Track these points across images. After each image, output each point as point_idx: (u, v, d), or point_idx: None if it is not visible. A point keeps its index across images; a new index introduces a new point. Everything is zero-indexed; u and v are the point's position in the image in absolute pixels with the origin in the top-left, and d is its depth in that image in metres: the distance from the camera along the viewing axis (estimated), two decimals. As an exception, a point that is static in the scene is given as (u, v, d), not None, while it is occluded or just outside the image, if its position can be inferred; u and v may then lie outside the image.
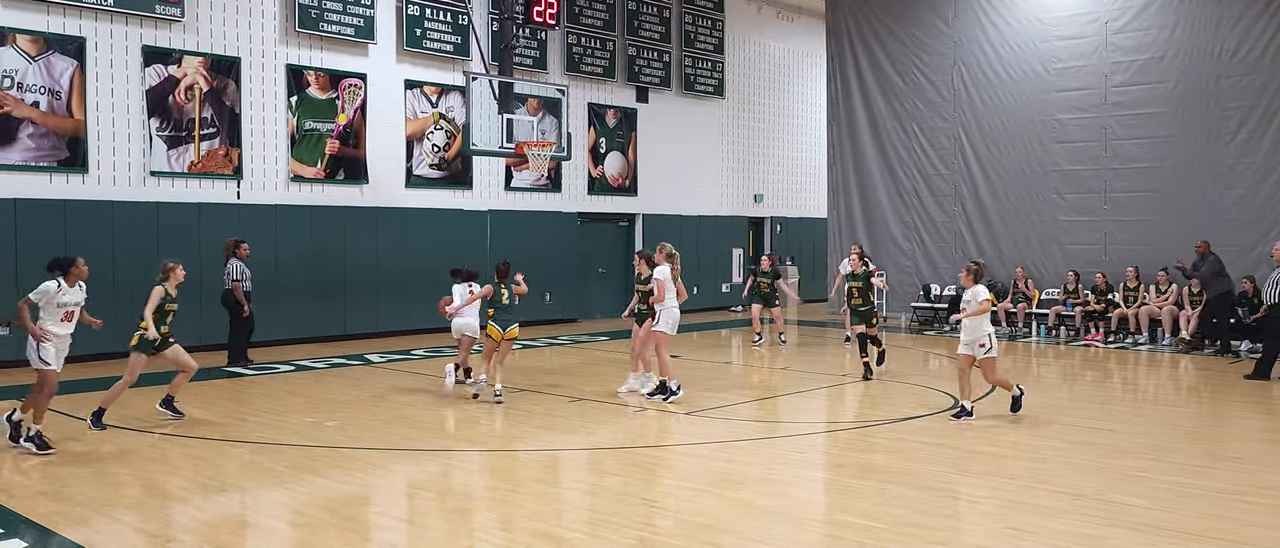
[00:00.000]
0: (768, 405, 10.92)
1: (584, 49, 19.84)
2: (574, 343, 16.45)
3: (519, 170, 18.64)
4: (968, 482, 7.35)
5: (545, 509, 6.80)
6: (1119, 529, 6.18)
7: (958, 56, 19.35)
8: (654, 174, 21.32)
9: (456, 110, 17.62)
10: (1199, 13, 16.58)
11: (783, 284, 17.39)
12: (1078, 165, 17.89)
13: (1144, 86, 17.12)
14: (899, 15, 20.14)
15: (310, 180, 16.06)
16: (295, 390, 11.58)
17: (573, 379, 12.41)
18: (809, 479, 7.93)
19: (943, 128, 19.56)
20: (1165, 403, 11.53)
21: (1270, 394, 11.81)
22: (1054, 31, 18.10)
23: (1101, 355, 15.12)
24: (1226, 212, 16.32)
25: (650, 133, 21.24)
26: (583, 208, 20.12)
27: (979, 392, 11.22)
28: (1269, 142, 15.95)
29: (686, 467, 7.98)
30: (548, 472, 7.96)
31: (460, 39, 17.70)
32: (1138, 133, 17.22)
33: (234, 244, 13.39)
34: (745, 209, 23.64)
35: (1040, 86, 18.27)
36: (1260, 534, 6.13)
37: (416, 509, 6.96)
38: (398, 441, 8.85)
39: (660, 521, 6.43)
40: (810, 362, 14.46)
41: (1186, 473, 7.70)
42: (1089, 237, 17.78)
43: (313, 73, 15.99)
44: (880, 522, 6.34)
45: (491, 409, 10.26)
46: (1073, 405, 11.10)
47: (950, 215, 19.55)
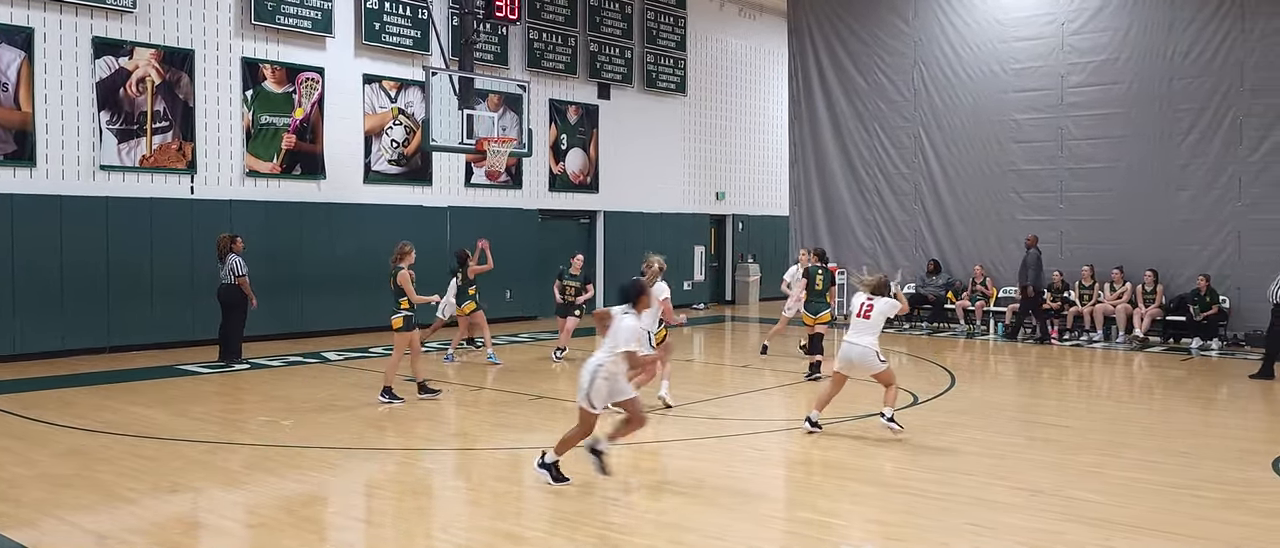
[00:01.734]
0: (728, 404, 10.92)
1: (545, 45, 19.74)
2: (534, 341, 16.36)
3: (479, 167, 18.50)
4: (928, 478, 7.39)
5: (505, 508, 6.73)
6: (1076, 525, 6.25)
7: (918, 56, 19.50)
8: (616, 171, 21.27)
9: (416, 106, 17.45)
10: (1152, 15, 16.84)
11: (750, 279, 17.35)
12: (1035, 165, 18.11)
13: (1099, 88, 17.36)
14: (860, 14, 20.26)
15: (266, 176, 15.82)
16: (250, 389, 11.40)
17: (532, 377, 12.33)
18: (769, 477, 7.94)
19: (903, 127, 19.71)
20: (1119, 400, 11.70)
21: (1217, 391, 12.03)
22: (1012, 32, 18.30)
23: (1057, 353, 15.31)
24: (1179, 211, 16.59)
25: (612, 130, 21.19)
26: (544, 205, 20.02)
27: (941, 387, 11.31)
28: (1219, 143, 16.24)
29: (647, 465, 7.94)
30: (508, 470, 7.89)
31: (420, 33, 17.53)
32: (1093, 133, 17.46)
33: (229, 240, 13.33)
34: (707, 207, 23.67)
35: (998, 87, 18.46)
36: (1210, 527, 6.22)
37: (374, 509, 6.86)
38: (355, 440, 8.73)
39: (621, 518, 6.39)
40: (770, 360, 14.48)
41: (1140, 468, 7.81)
42: (1045, 235, 17.95)
43: (269, 66, 15.75)
44: (841, 519, 6.35)
45: (450, 407, 10.15)
46: (1030, 403, 11.22)
47: (911, 213, 19.70)
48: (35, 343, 13.52)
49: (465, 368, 13.18)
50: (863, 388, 11.71)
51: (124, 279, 14.25)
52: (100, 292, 14.04)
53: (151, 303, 14.56)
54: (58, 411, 9.77)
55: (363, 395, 10.83)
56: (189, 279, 14.81)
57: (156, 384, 11.60)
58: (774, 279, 24.49)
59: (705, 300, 23.39)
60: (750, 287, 24.21)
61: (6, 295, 13.25)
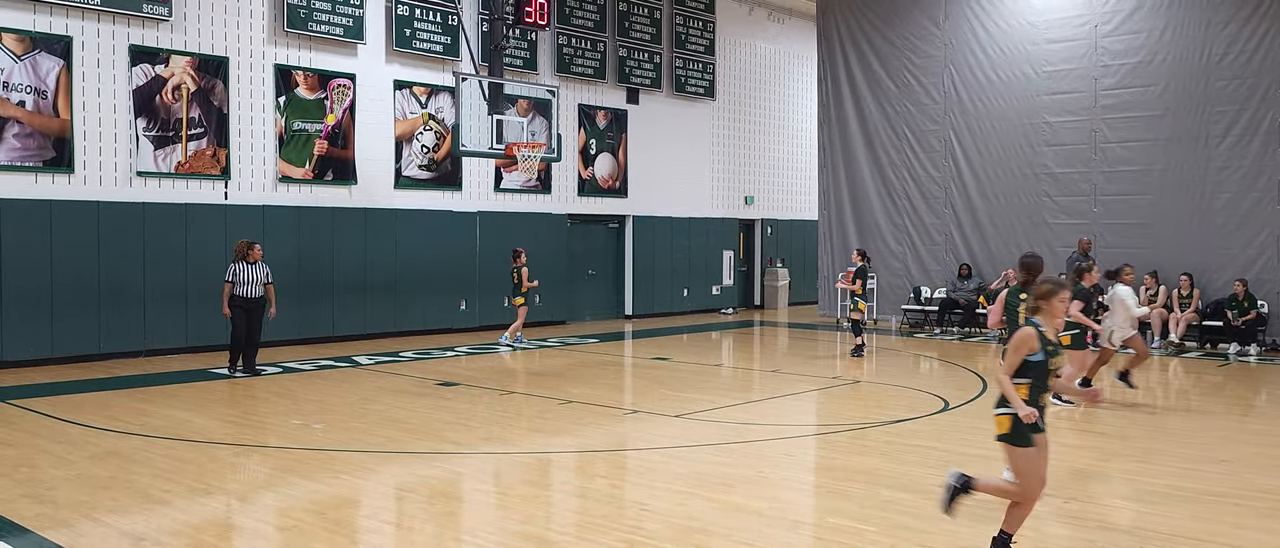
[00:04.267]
0: (758, 408, 10.89)
1: (574, 50, 19.80)
2: (563, 345, 16.39)
3: (508, 172, 18.58)
4: (958, 485, 7.31)
5: (534, 512, 6.75)
6: (1112, 533, 6.17)
7: (948, 59, 19.37)
8: (644, 176, 21.29)
9: (446, 111, 17.56)
10: (1188, 16, 16.63)
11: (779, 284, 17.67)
12: (1068, 168, 17.92)
13: (1133, 90, 17.17)
14: (890, 17, 20.16)
15: (299, 181, 15.97)
16: (282, 393, 11.51)
17: (562, 382, 12.36)
18: (799, 482, 7.90)
19: (933, 130, 19.58)
20: (1156, 406, 11.54)
21: (1256, 397, 11.84)
22: (1044, 35, 18.14)
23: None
24: (1216, 215, 16.36)
25: (641, 134, 21.21)
26: (572, 209, 20.07)
27: (971, 393, 11.23)
28: (1258, 145, 16.00)
29: (676, 469, 7.94)
30: (537, 474, 7.91)
31: (450, 39, 17.64)
32: (1127, 136, 17.26)
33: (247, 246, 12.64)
34: (736, 211, 23.62)
35: (1030, 89, 18.30)
36: (1250, 537, 6.12)
37: (404, 512, 6.90)
38: (385, 443, 8.79)
39: (649, 523, 6.38)
40: (800, 364, 14.43)
41: (1178, 476, 7.70)
42: (1079, 239, 17.78)
43: (301, 73, 15.91)
44: (871, 524, 6.31)
45: (480, 411, 10.20)
46: (1064, 409, 11.09)
47: (941, 217, 19.57)
48: (73, 346, 13.73)
49: (497, 372, 13.23)
50: (894, 393, 11.65)
51: (160, 284, 14.44)
52: (136, 296, 14.24)
53: (186, 307, 14.74)
54: (94, 413, 9.91)
55: (394, 400, 10.91)
56: (223, 285, 14.95)
57: (191, 388, 11.74)
58: (802, 283, 24.43)
59: (734, 305, 23.34)
60: (779, 291, 24.13)
61: (46, 299, 13.47)
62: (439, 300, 17.65)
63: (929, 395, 11.30)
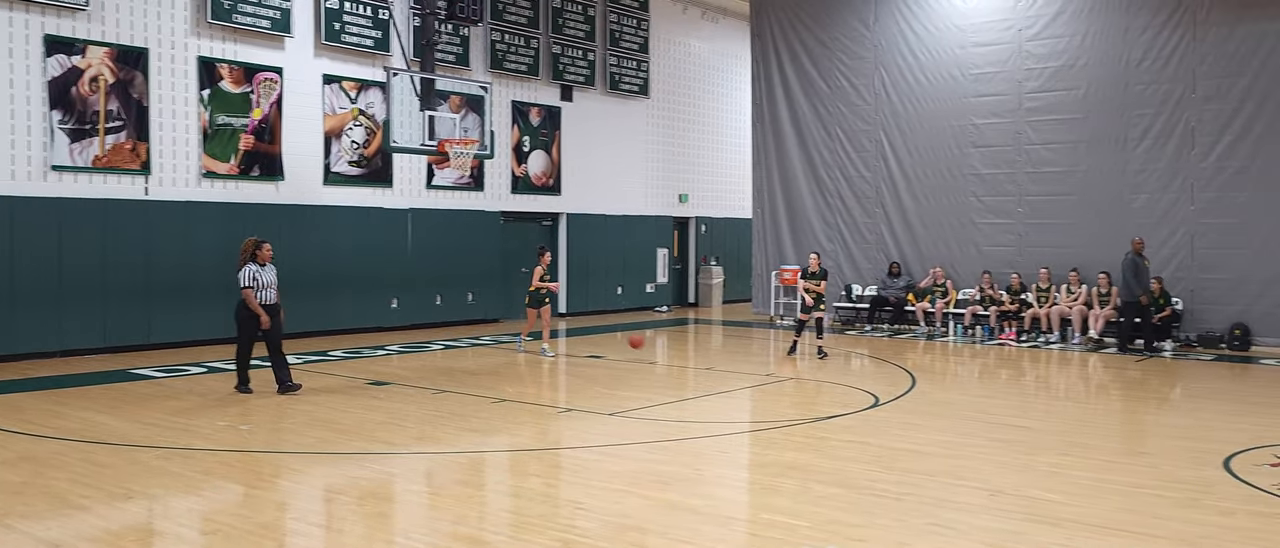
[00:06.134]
0: (692, 406, 10.91)
1: (508, 46, 19.64)
2: (497, 343, 16.26)
3: (441, 169, 18.37)
4: (890, 479, 7.42)
5: (467, 512, 6.66)
6: (1037, 525, 6.30)
7: (878, 60, 19.66)
8: (578, 173, 21.22)
9: (376, 107, 17.28)
10: (1107, 22, 17.11)
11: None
12: (994, 169, 18.32)
13: (1056, 93, 17.61)
14: (821, 18, 20.39)
15: (223, 177, 15.58)
16: (207, 393, 11.20)
17: (495, 380, 12.25)
18: (733, 478, 7.94)
19: (864, 130, 19.86)
20: (1077, 400, 11.84)
21: (1174, 390, 12.23)
22: (970, 38, 18.51)
23: (1015, 354, 15.48)
24: (1135, 215, 16.87)
25: (575, 132, 21.13)
26: (506, 207, 19.91)
27: (901, 388, 11.40)
28: (1172, 148, 16.54)
29: (611, 467, 7.91)
30: (470, 474, 7.81)
31: (381, 34, 17.37)
32: (1050, 138, 17.70)
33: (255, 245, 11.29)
34: (670, 209, 23.68)
35: (958, 91, 18.66)
36: (1171, 526, 6.30)
37: (334, 514, 6.76)
38: (314, 444, 8.61)
39: (584, 522, 6.34)
40: (734, 362, 14.52)
41: (1100, 468, 7.90)
42: (1004, 238, 18.22)
43: (226, 66, 15.51)
44: (804, 520, 6.36)
45: (412, 410, 10.05)
46: (990, 403, 11.33)
47: (872, 216, 19.86)
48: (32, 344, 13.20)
49: (429, 371, 13.06)
50: (825, 389, 11.77)
51: (76, 282, 13.96)
52: (51, 294, 13.75)
53: (104, 306, 14.28)
54: (6, 416, 9.54)
55: (324, 400, 10.69)
56: (143, 282, 14.56)
57: (110, 389, 11.37)
58: (737, 281, 24.59)
59: (668, 303, 23.40)
60: (713, 289, 24.26)
61: (-47, 298, 12.93)
62: (369, 299, 17.37)
63: (860, 392, 11.45)
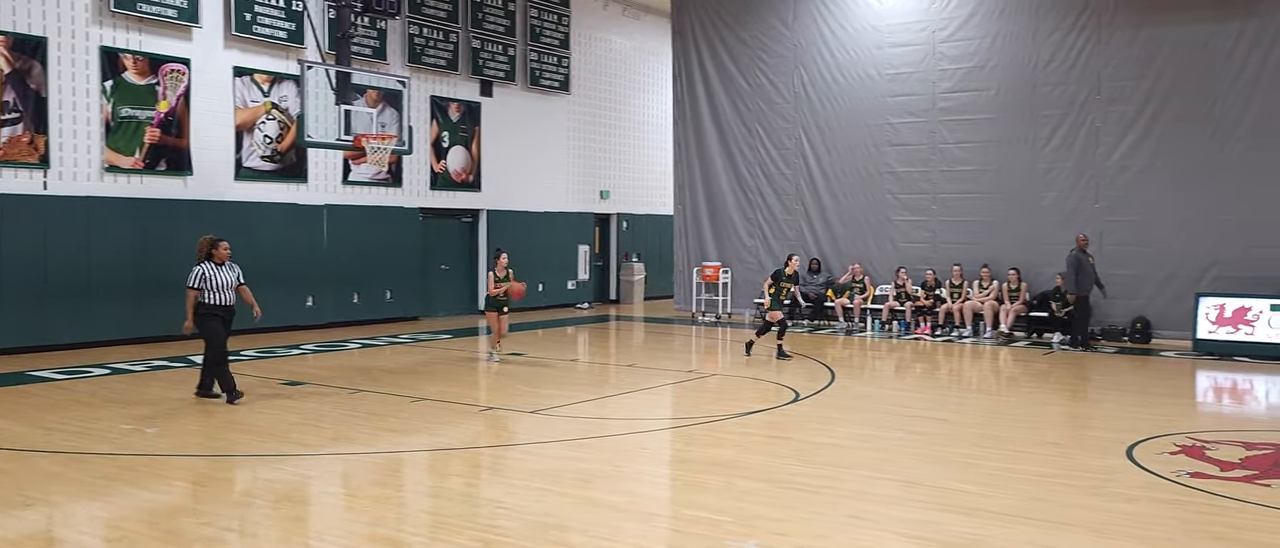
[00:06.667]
0: (614, 403, 10.89)
1: (426, 40, 19.36)
2: (416, 341, 16.02)
3: (357, 164, 18.02)
4: (810, 473, 7.51)
5: (385, 513, 6.54)
6: (951, 515, 6.44)
7: (798, 59, 19.89)
8: (499, 169, 21.03)
9: (290, 100, 16.87)
10: (1016, 25, 17.59)
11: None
12: (909, 167, 18.69)
13: (968, 94, 18.04)
14: (742, 17, 20.55)
15: (128, 171, 15.04)
16: (111, 396, 10.80)
17: (414, 379, 12.06)
18: (655, 475, 7.94)
19: (785, 128, 20.08)
20: (989, 393, 12.15)
21: (1080, 382, 12.63)
22: (887, 39, 18.85)
23: (930, 348, 15.83)
24: (1043, 213, 17.37)
25: (495, 128, 20.94)
26: (425, 203, 19.63)
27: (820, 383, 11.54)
28: (1079, 147, 17.08)
29: (532, 466, 7.85)
30: (388, 475, 7.67)
31: (294, 26, 16.95)
32: (964, 137, 18.13)
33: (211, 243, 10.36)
34: (591, 205, 23.63)
35: (875, 91, 18.99)
36: (1076, 514, 6.50)
37: (246, 518, 6.56)
38: (226, 446, 8.36)
39: (505, 521, 6.28)
40: (656, 358, 14.55)
41: (1010, 459, 8.11)
42: (919, 235, 18.61)
43: (130, 56, 14.98)
44: (726, 515, 6.39)
45: (328, 411, 9.83)
46: (907, 397, 11.56)
47: (792, 214, 20.09)
48: None
49: (345, 370, 12.80)
50: (747, 385, 11.87)
51: (-31, 280, 13.33)
52: (-58, 294, 13.10)
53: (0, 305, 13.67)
54: None
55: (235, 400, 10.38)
56: (41, 280, 13.98)
57: (6, 393, 10.88)
58: (658, 278, 24.65)
59: (590, 300, 23.35)
60: (635, 286, 24.29)
61: None
62: (283, 297, 16.92)
63: (781, 387, 11.57)
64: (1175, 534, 6.09)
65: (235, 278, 10.27)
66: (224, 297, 10.15)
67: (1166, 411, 10.46)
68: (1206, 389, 12.49)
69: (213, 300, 10.10)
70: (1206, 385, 12.69)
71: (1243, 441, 8.72)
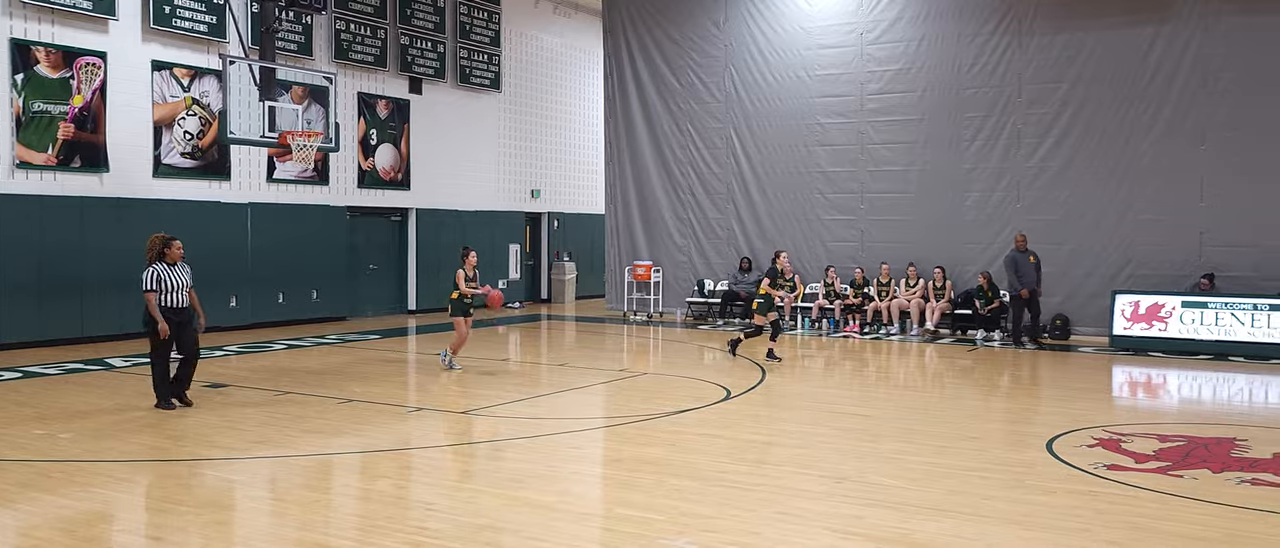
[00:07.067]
0: (546, 402, 10.85)
1: (353, 36, 19.06)
2: (343, 342, 15.77)
3: (282, 161, 17.66)
4: (741, 470, 7.57)
5: (312, 517, 6.41)
6: (877, 509, 6.54)
7: (729, 60, 20.04)
8: (428, 168, 20.80)
9: (212, 96, 16.46)
10: (942, 28, 17.96)
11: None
12: (838, 167, 18.96)
13: (895, 95, 18.37)
14: (674, 16, 20.63)
15: (40, 167, 14.53)
16: (23, 400, 10.42)
17: (342, 380, 11.87)
18: (588, 474, 7.93)
19: (716, 128, 20.21)
20: (915, 389, 12.38)
21: (1002, 378, 12.95)
22: (816, 40, 19.09)
23: (858, 346, 16.07)
24: (966, 213, 17.77)
25: (424, 125, 20.70)
26: (352, 202, 19.32)
27: (751, 381, 11.63)
28: (1001, 148, 17.50)
29: (463, 467, 7.77)
30: (315, 478, 7.53)
31: (216, 19, 16.55)
32: (890, 138, 18.45)
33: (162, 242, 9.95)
34: (522, 204, 23.51)
35: (805, 92, 19.22)
36: (997, 506, 6.65)
37: (166, 525, 6.38)
38: (144, 452, 8.12)
39: (435, 523, 6.21)
40: (588, 358, 14.53)
41: (935, 453, 8.28)
42: (848, 234, 18.89)
43: (42, 49, 14.47)
44: (659, 513, 6.40)
45: (251, 414, 9.61)
46: (835, 394, 11.72)
47: (723, 213, 20.23)
48: None
49: (270, 372, 12.53)
50: (679, 384, 11.92)
51: None
52: None
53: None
54: None
55: (154, 404, 10.09)
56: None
57: (-91, 397, 10.44)
58: (590, 277, 24.63)
59: (521, 299, 23.23)
60: (566, 285, 24.24)
61: None
62: (205, 297, 16.43)
63: (713, 385, 11.64)
64: (1092, 525, 6.27)
65: (188, 279, 9.85)
66: (178, 298, 9.71)
67: (1084, 405, 10.77)
68: (1122, 384, 12.90)
69: (167, 302, 9.64)
70: (1122, 380, 13.10)
71: (1156, 433, 9.02)
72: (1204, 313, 14.98)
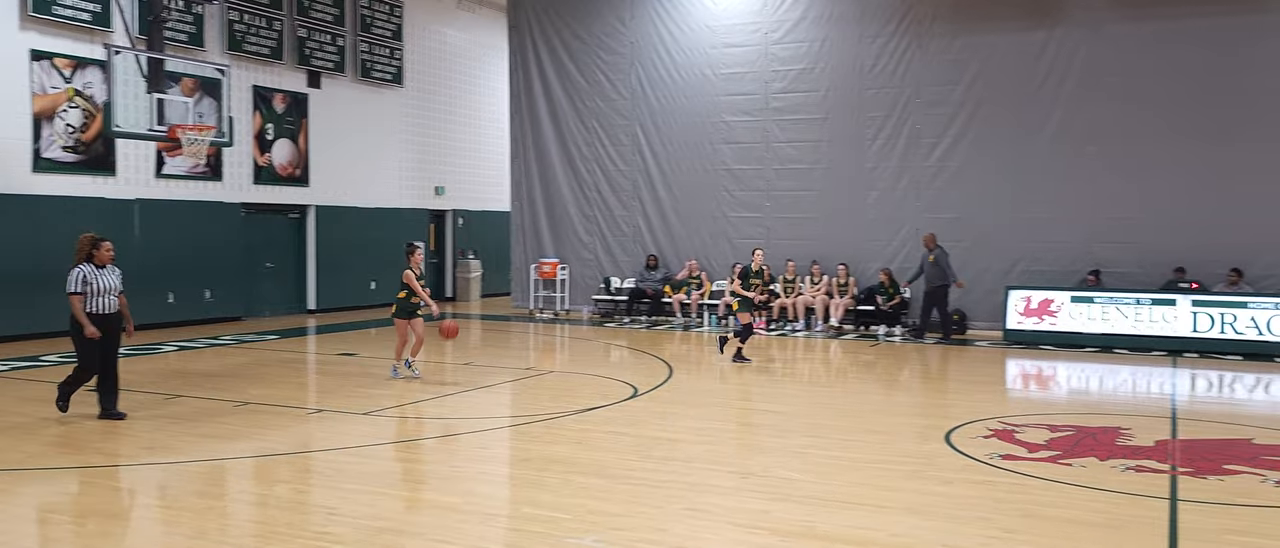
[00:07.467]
0: (451, 402, 10.67)
1: (247, 27, 18.46)
2: (239, 343, 15.27)
3: (172, 156, 17.00)
4: (648, 467, 7.56)
5: (207, 525, 6.17)
6: (784, 503, 6.60)
7: (635, 57, 20.05)
8: (328, 164, 20.29)
9: (96, 87, 15.75)
10: (844, 29, 18.28)
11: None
12: (744, 165, 19.15)
13: (799, 94, 18.63)
14: (579, 13, 20.54)
15: (-92, 161, 13.70)
16: (-113, 408, 9.79)
17: (238, 382, 11.47)
18: (494, 474, 7.82)
19: (622, 125, 20.20)
20: (820, 384, 12.58)
21: (903, 373, 13.25)
22: (722, 39, 19.24)
23: (765, 342, 16.25)
24: (868, 210, 18.13)
25: (324, 120, 20.18)
26: (248, 198, 18.72)
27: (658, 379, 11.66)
28: (901, 148, 17.91)
29: (365, 470, 7.58)
30: (210, 484, 7.25)
31: (100, 7, 15.83)
32: (795, 136, 18.71)
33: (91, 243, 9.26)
34: (426, 201, 23.13)
35: (710, 90, 19.35)
36: (899, 497, 6.79)
37: (48, 537, 6.06)
38: (24, 459, 7.70)
39: (336, 527, 6.03)
40: (494, 356, 14.37)
41: (840, 447, 8.41)
42: (754, 232, 19.09)
43: (-90, 34, 13.64)
44: (566, 512, 6.35)
45: (141, 418, 9.21)
46: (743, 390, 11.82)
47: (629, 210, 20.24)
48: None
49: (160, 375, 12.04)
50: (586, 382, 11.86)
51: None
52: None
53: None
54: None
55: (35, 410, 9.59)
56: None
57: None
58: (495, 275, 24.37)
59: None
60: (471, 283, 23.94)
61: None
62: (91, 298, 15.81)
63: (619, 383, 11.62)
64: (988, 513, 6.44)
65: (118, 282, 9.18)
66: (107, 303, 9.02)
67: (980, 397, 11.09)
68: (1016, 376, 13.33)
69: (93, 307, 8.95)
70: (1016, 373, 13.54)
71: (1048, 423, 9.33)
72: (1091, 308, 15.58)
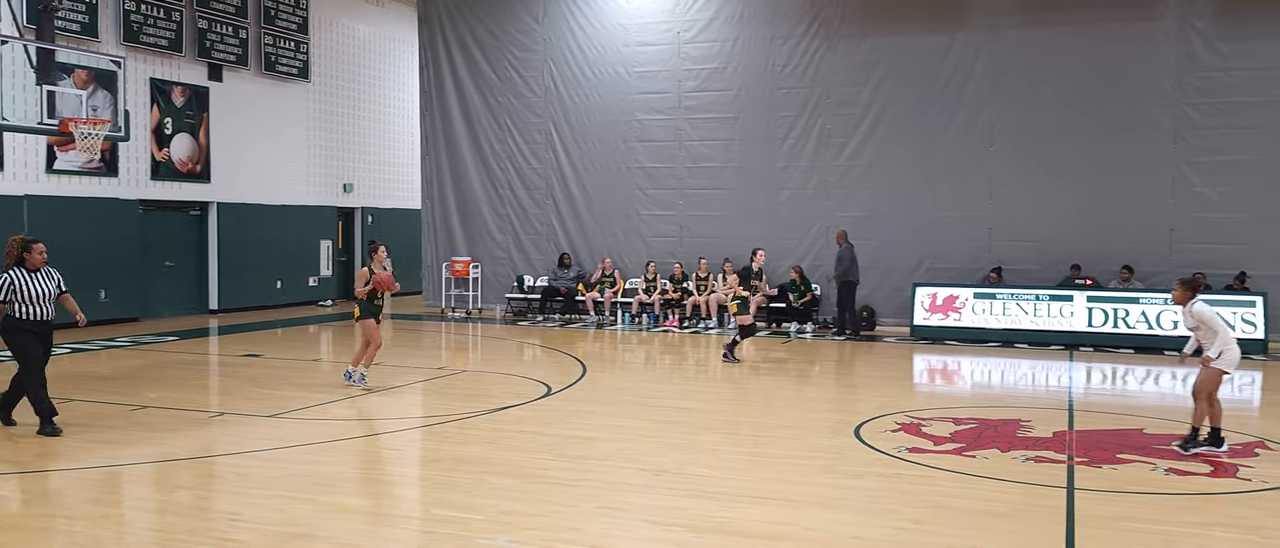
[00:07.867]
0: (361, 403, 10.46)
1: (145, 17, 17.80)
2: (136, 344, 14.72)
3: (64, 151, 16.30)
4: (561, 466, 7.53)
5: (103, 534, 5.92)
6: (698, 500, 6.64)
7: (548, 54, 19.94)
8: (230, 159, 19.70)
9: (-18, 77, 14.98)
10: (755, 30, 18.49)
11: None
12: (657, 163, 19.21)
13: (711, 93, 18.77)
14: (491, 9, 20.35)
15: None
16: None
17: (135, 385, 11.06)
18: (405, 475, 7.70)
19: (535, 123, 20.07)
20: (733, 381, 12.69)
21: (813, 368, 13.46)
22: (635, 37, 19.27)
23: (678, 340, 16.34)
24: (780, 209, 18.37)
25: (226, 115, 19.58)
26: (145, 194, 18.06)
27: (573, 377, 11.62)
28: (811, 147, 18.19)
29: (271, 473, 7.37)
30: (105, 491, 6.96)
31: (-14, -7, 15.08)
32: (707, 135, 18.85)
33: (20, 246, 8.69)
34: (334, 199, 22.64)
35: (624, 88, 19.36)
36: (813, 491, 6.89)
37: (-75, 551, 5.75)
38: (-100, 470, 7.29)
39: (242, 533, 5.85)
40: (405, 356, 14.15)
41: (753, 443, 8.50)
42: (667, 229, 19.18)
43: None
44: (477, 513, 6.28)
45: (30, 424, 8.80)
46: (657, 388, 11.86)
47: (542, 208, 20.13)
48: None
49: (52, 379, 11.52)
50: (499, 381, 11.76)
51: None
52: None
53: None
54: None
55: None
56: None
57: None
58: (406, 273, 23.96)
59: (333, 297, 22.38)
60: (382, 282, 23.47)
61: None
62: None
63: (533, 382, 11.55)
64: (896, 505, 6.58)
65: (55, 287, 8.67)
66: (41, 310, 8.53)
67: (889, 392, 11.33)
68: (922, 371, 13.66)
69: (26, 314, 8.47)
70: (922, 368, 13.87)
71: (952, 416, 9.58)
72: (993, 304, 16.06)
